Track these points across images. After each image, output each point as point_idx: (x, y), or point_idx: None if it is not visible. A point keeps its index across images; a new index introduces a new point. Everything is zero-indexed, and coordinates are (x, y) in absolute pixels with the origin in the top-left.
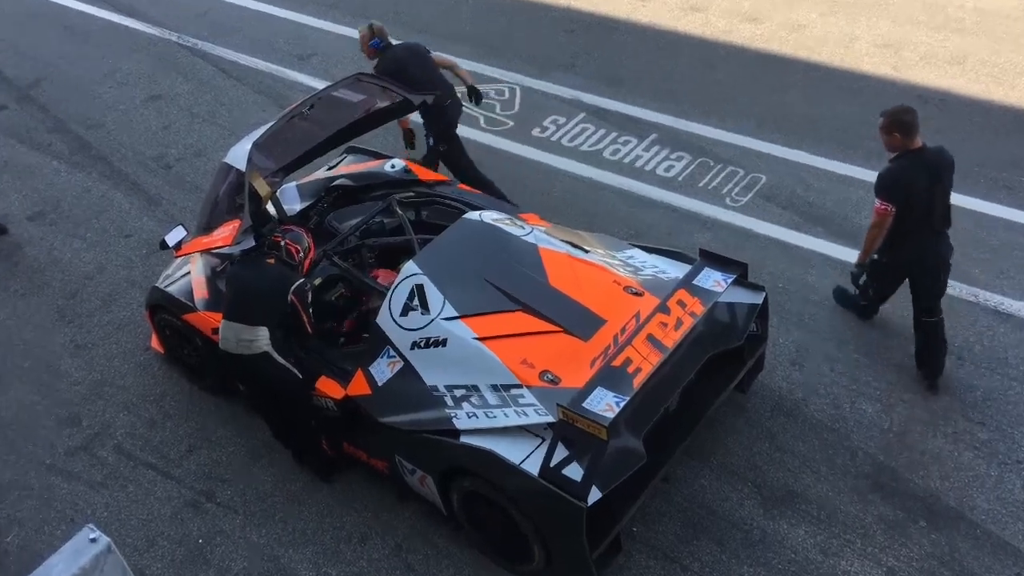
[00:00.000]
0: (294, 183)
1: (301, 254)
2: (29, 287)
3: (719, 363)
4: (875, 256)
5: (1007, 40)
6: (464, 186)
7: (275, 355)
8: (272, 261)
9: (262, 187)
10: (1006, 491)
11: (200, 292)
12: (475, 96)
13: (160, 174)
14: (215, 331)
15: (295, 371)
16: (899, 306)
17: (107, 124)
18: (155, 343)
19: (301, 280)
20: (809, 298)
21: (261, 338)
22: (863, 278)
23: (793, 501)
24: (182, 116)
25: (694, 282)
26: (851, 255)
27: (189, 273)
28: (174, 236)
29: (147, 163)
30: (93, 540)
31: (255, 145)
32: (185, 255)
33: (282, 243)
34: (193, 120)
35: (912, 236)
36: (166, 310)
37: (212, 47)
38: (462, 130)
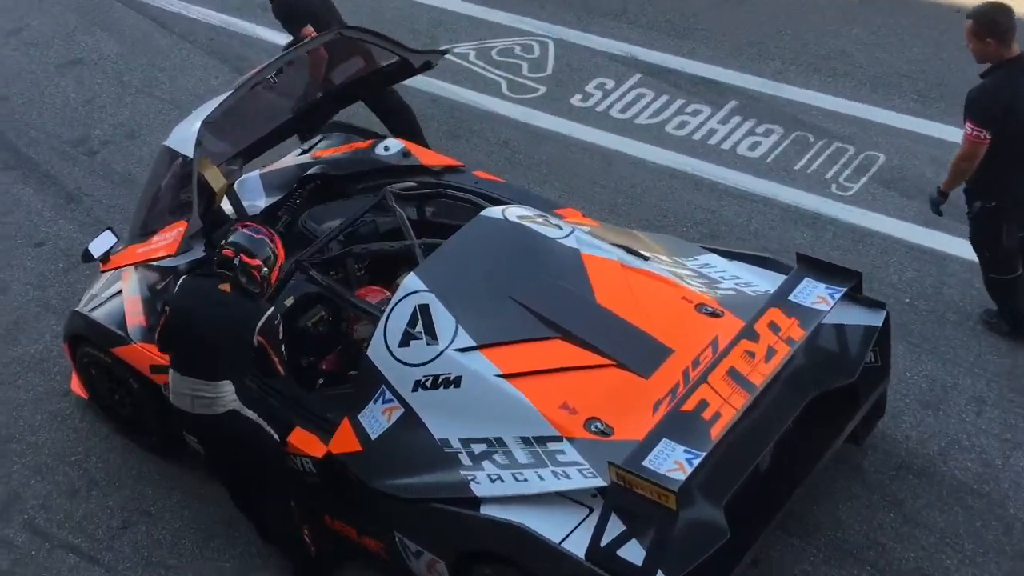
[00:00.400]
0: (257, 172)
1: (264, 269)
2: None
3: (826, 406)
4: (979, 203)
5: None
6: (483, 173)
7: (244, 411)
8: (227, 288)
9: (216, 178)
10: None
11: (135, 318)
12: None
13: (82, 163)
14: (156, 369)
15: (269, 429)
16: None
17: (12, 97)
18: (76, 386)
19: (269, 312)
20: (946, 317)
21: (225, 395)
22: (941, 206)
23: None
24: (110, 86)
25: (790, 297)
26: None
27: (120, 293)
28: (101, 244)
29: (64, 148)
30: None
31: (206, 123)
32: (115, 269)
33: (235, 260)
34: (124, 91)
35: (1007, 168)
36: (91, 342)
37: None
38: (479, 100)
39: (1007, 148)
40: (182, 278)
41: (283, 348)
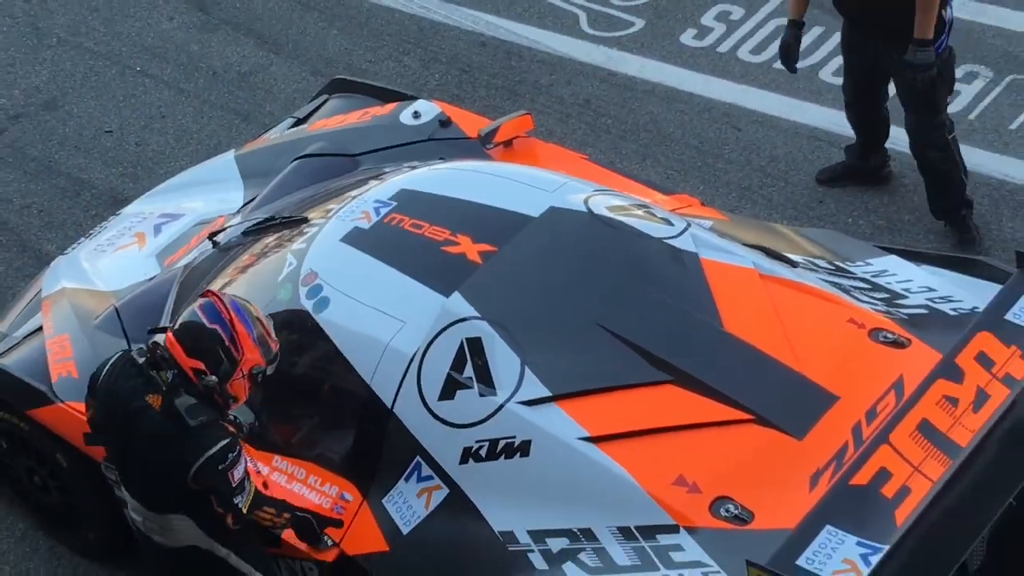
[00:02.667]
0: (231, 153)
1: (209, 378)
2: None
3: None
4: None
5: None
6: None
7: (217, 551)
8: (155, 401)
9: None
10: None
11: (63, 366)
12: None
13: None
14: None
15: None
16: None
17: None
18: None
19: (213, 450)
20: None
21: (178, 530)
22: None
23: None
24: (21, 35)
25: (1009, 317)
26: None
27: (40, 331)
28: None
29: None
30: None
31: None
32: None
33: (164, 354)
34: (41, 42)
35: None
36: None
37: None
38: (548, 40)
39: None
40: (118, 355)
41: (240, 495)
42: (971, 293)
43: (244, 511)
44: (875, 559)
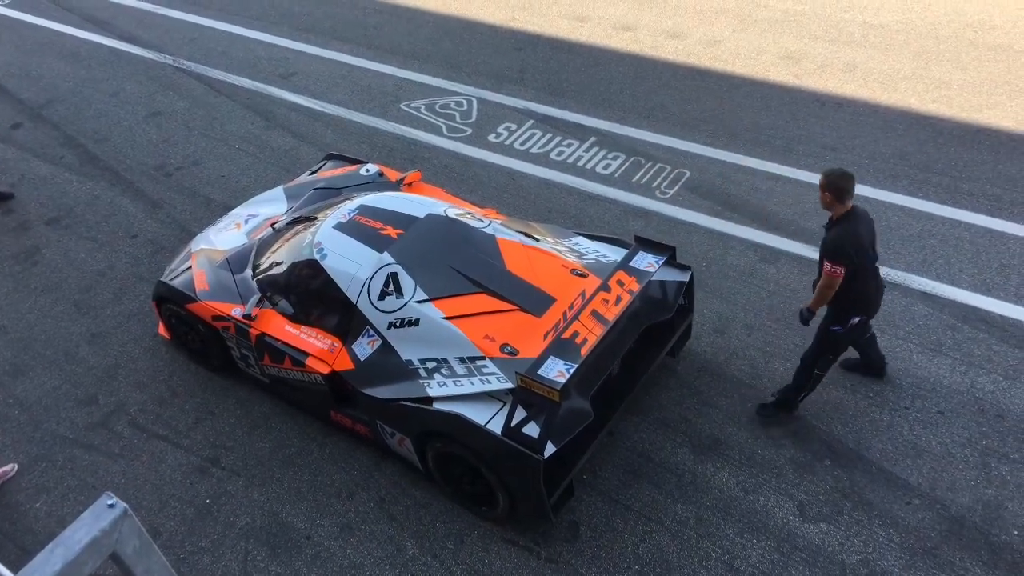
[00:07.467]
0: (281, 186)
1: None
2: (48, 284)
3: (653, 333)
4: (837, 328)
5: (891, 50)
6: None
7: None
8: None
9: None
10: (896, 433)
11: (201, 284)
12: None
13: (162, 181)
14: (216, 318)
15: None
16: (798, 280)
17: (113, 138)
18: (162, 330)
19: None
20: (728, 275)
21: None
22: (809, 320)
23: (718, 448)
24: (179, 130)
25: (631, 264)
26: (763, 237)
27: (191, 268)
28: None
29: (149, 172)
30: (111, 506)
31: None
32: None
33: None
34: (190, 133)
35: (864, 287)
36: (171, 301)
37: (204, 68)
38: (427, 138)
39: (863, 273)
40: None
41: None
42: (615, 253)
43: None
44: (571, 370)
